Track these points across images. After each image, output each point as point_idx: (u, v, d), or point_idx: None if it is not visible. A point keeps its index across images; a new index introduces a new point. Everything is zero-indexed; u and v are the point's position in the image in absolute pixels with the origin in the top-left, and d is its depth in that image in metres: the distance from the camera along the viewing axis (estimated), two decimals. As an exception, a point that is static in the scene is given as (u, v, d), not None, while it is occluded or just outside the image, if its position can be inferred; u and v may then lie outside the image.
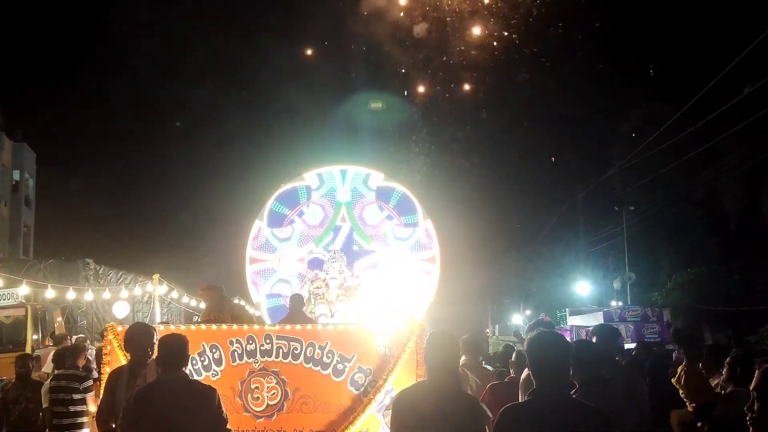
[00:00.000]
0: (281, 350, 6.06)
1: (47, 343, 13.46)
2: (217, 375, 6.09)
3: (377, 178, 11.63)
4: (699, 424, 5.92)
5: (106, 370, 5.72)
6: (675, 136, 22.11)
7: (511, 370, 6.39)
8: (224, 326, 6.36)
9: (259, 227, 11.37)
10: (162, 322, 9.84)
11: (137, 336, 5.12)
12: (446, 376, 3.86)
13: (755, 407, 3.18)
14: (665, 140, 22.97)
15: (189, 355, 4.44)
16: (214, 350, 6.14)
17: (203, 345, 6.14)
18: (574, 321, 24.60)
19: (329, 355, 6.03)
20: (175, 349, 4.35)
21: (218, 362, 6.12)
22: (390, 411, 4.11)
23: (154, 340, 4.99)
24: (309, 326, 6.36)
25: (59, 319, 14.92)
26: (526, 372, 5.08)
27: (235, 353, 6.11)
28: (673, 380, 6.65)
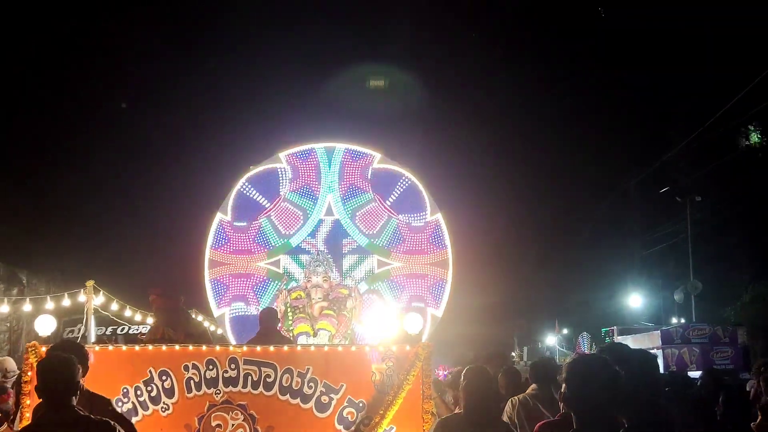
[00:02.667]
0: (250, 378, 6.08)
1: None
2: (168, 409, 6.10)
3: (373, 159, 11.65)
4: None
5: (27, 402, 5.73)
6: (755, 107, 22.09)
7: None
8: (177, 346, 6.36)
9: (222, 222, 11.40)
10: (98, 341, 9.87)
11: (47, 372, 4.38)
12: (484, 413, 4.66)
13: None
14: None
15: (78, 383, 4.28)
16: (164, 377, 6.16)
17: (150, 371, 6.15)
18: (624, 343, 24.59)
19: (311, 384, 6.05)
20: (58, 377, 4.18)
21: (169, 393, 6.14)
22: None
23: (71, 372, 4.40)
24: (285, 347, 6.37)
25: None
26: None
27: (191, 382, 6.13)
28: (754, 425, 6.59)
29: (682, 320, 28.18)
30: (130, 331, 16.65)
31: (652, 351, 15.43)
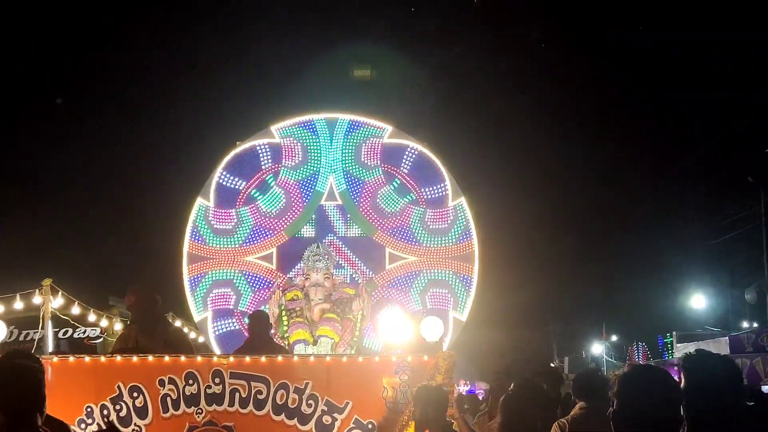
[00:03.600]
0: (237, 394, 6.09)
1: None
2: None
3: (384, 132, 11.62)
4: None
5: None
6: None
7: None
8: (150, 357, 6.38)
9: (204, 209, 11.41)
10: (56, 352, 9.89)
11: (5, 386, 4.24)
12: None
13: None
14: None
15: (44, 398, 4.23)
16: (135, 394, 6.19)
17: (119, 386, 6.18)
18: (685, 351, 24.58)
19: (310, 401, 6.06)
20: (19, 390, 4.09)
21: (142, 413, 6.17)
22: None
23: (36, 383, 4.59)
24: (279, 358, 6.38)
25: None
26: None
27: (168, 399, 6.15)
28: None
29: (755, 324, 28.05)
30: (75, 335, 16.47)
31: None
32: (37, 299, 14.28)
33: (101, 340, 15.10)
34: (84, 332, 15.32)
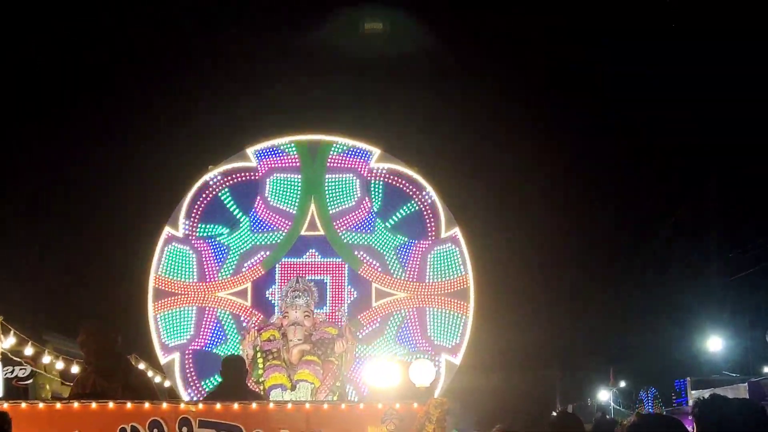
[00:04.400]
0: (208, 445, 6.06)
1: None
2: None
3: (371, 156, 11.69)
4: None
5: None
6: None
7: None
8: (111, 404, 6.36)
9: (171, 237, 11.41)
10: (6, 398, 9.83)
11: None
12: None
13: None
14: None
15: None
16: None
17: (76, 436, 6.15)
18: (698, 396, 24.49)
19: (289, 453, 6.04)
20: None
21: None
22: None
23: None
24: (254, 404, 6.36)
25: None
26: None
27: (130, 450, 6.12)
28: None
29: (778, 369, 28.11)
30: (2, 374, 16.00)
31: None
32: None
33: (31, 381, 14.79)
34: (12, 372, 14.94)
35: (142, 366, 14.30)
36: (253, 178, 11.63)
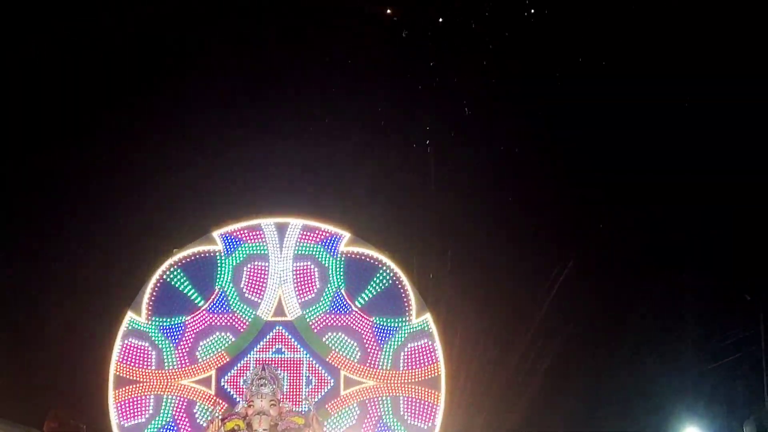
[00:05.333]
0: None
1: None
2: None
3: (341, 239, 11.68)
4: None
5: None
6: None
7: None
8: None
9: (133, 322, 11.32)
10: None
11: None
12: None
13: None
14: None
15: None
16: None
17: None
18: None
19: None
20: None
21: None
22: None
23: None
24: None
25: None
26: None
27: None
28: None
29: (756, 461, 27.93)
30: None
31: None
32: None
33: None
34: None
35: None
36: (218, 261, 11.60)
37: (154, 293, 11.43)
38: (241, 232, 11.74)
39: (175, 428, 11.12)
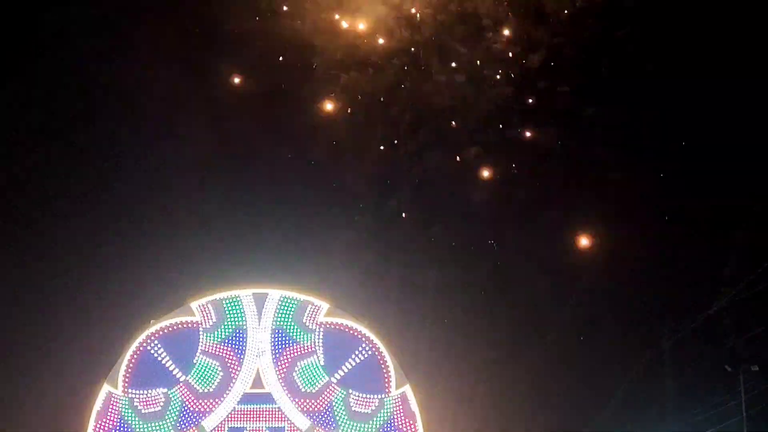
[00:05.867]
0: None
1: None
2: None
3: (319, 310, 11.71)
4: None
5: None
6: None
7: None
8: None
9: (110, 396, 11.25)
10: None
11: None
12: None
13: None
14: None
15: None
16: None
17: None
18: None
19: None
20: None
21: None
22: None
23: None
24: None
25: None
26: None
27: None
28: None
29: None
30: None
31: None
32: None
33: None
34: None
35: None
36: (196, 332, 11.59)
37: (131, 365, 11.38)
38: (219, 302, 11.73)
39: None
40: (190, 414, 11.32)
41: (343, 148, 21.24)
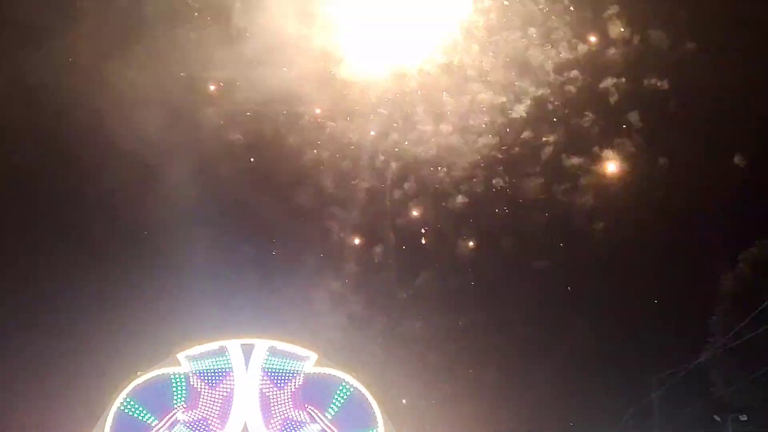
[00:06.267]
0: None
1: None
2: None
3: (307, 361, 11.74)
4: None
5: None
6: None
7: None
8: None
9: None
10: None
11: None
12: None
13: None
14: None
15: None
16: None
17: None
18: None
19: None
20: None
21: None
22: None
23: None
24: None
25: None
26: None
27: None
28: None
29: None
30: None
31: None
32: None
33: None
34: None
35: None
36: (182, 383, 11.56)
37: (117, 417, 11.34)
38: (206, 353, 11.72)
39: None
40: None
41: (328, 198, 21.40)
